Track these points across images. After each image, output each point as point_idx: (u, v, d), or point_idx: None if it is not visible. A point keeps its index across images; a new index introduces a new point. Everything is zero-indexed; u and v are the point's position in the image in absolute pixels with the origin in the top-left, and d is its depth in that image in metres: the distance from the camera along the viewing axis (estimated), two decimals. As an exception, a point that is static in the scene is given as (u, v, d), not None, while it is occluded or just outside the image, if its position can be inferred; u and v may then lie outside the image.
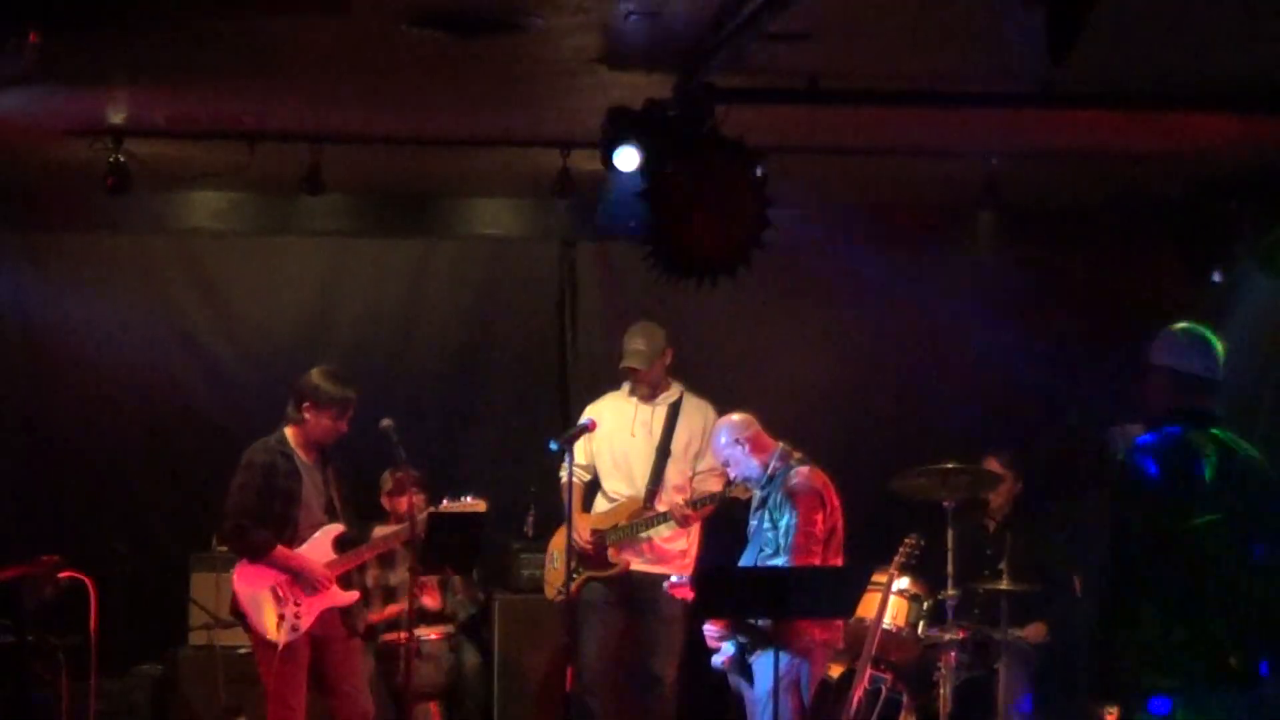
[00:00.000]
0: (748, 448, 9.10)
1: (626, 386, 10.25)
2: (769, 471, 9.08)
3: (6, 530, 10.60)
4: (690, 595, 9.59)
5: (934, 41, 7.18)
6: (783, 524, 8.89)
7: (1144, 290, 11.00)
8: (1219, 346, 6.62)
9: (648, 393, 10.15)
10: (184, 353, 11.50)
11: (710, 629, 9.02)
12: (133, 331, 11.38)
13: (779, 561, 8.83)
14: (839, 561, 8.98)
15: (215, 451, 10.09)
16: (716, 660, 9.15)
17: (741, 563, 9.11)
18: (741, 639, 8.91)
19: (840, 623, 9.01)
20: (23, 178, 10.84)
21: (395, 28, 6.95)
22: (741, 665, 9.00)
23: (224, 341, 11.57)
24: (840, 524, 9.04)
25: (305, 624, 8.97)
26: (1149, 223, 10.29)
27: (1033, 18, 4.66)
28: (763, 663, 8.82)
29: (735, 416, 9.28)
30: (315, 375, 9.18)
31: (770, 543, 8.94)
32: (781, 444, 9.19)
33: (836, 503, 9.04)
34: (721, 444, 9.23)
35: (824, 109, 8.20)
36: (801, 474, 9.02)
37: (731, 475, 9.28)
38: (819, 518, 8.90)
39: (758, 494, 9.15)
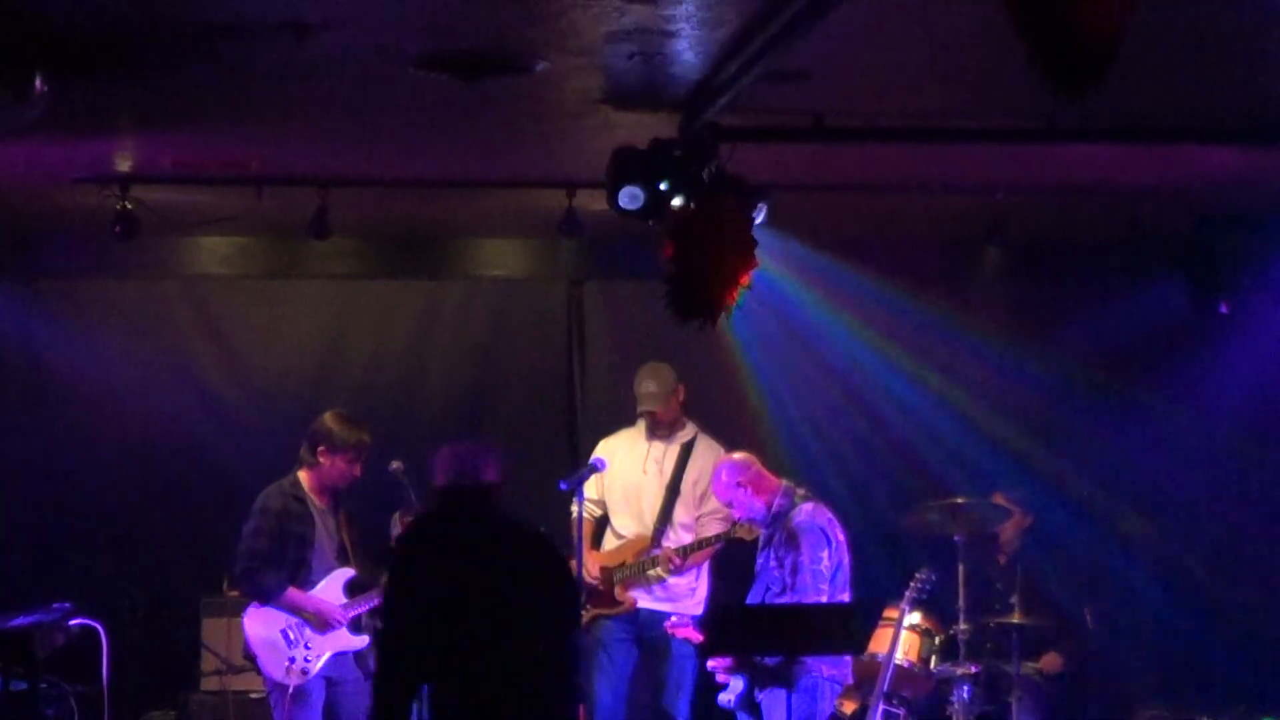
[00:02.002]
0: (749, 489, 9.10)
1: (641, 424, 10.24)
2: (773, 509, 9.09)
3: (18, 578, 10.60)
4: (691, 634, 9.59)
5: (937, 78, 7.20)
6: (788, 561, 8.90)
7: (1151, 323, 11.02)
8: None
9: (666, 433, 10.14)
10: (193, 397, 11.50)
11: (717, 664, 9.02)
12: (142, 377, 11.39)
13: (785, 599, 8.83)
14: (846, 597, 8.99)
15: (226, 495, 10.10)
16: (723, 698, 9.15)
17: (748, 601, 9.12)
18: (748, 675, 8.93)
19: (849, 658, 9.01)
20: (31, 224, 10.89)
21: (401, 71, 6.98)
22: (750, 703, 9.00)
23: (233, 385, 11.58)
24: (847, 559, 9.04)
25: (315, 667, 8.97)
26: (1155, 256, 10.30)
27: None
28: (771, 700, 8.82)
29: (736, 456, 9.27)
30: (330, 419, 9.19)
31: (776, 580, 8.95)
32: (785, 481, 9.19)
33: (842, 538, 9.05)
34: (723, 484, 9.22)
35: (829, 147, 8.22)
36: (805, 510, 9.02)
37: (736, 516, 9.29)
38: (824, 554, 8.92)
39: (763, 532, 9.16)
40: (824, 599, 8.85)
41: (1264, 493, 11.00)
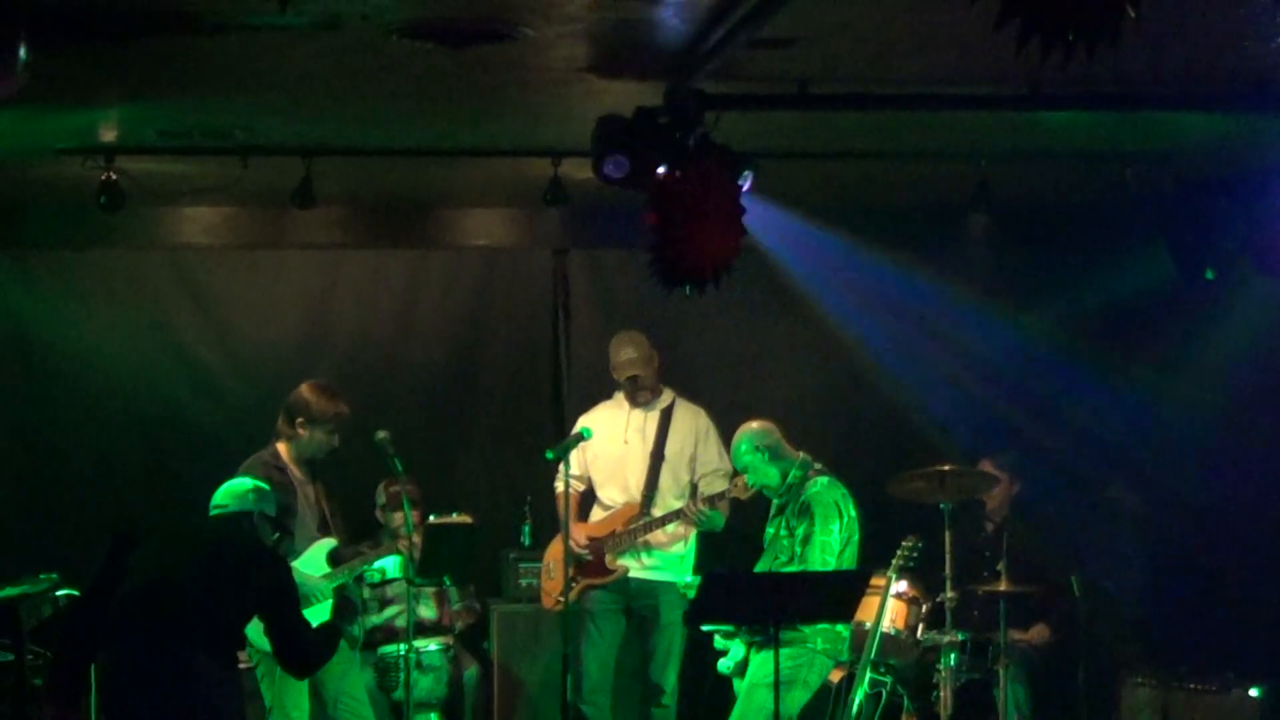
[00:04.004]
0: (767, 456, 9.17)
1: (619, 395, 10.25)
2: (787, 480, 9.15)
3: (4, 549, 10.59)
4: None
5: (922, 44, 7.19)
6: (799, 532, 8.97)
7: (1137, 289, 11.02)
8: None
9: (647, 398, 10.15)
10: (178, 368, 11.47)
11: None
12: (127, 348, 11.37)
13: (793, 570, 8.90)
14: None
15: (211, 466, 10.04)
16: (724, 664, 9.19)
17: (755, 569, 9.18)
18: (748, 640, 8.99)
19: (847, 635, 9.10)
20: (15, 195, 10.85)
21: (385, 39, 6.95)
22: (745, 669, 9.05)
23: (218, 356, 11.55)
24: (857, 534, 9.11)
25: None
26: (1140, 222, 10.28)
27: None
28: (759, 661, 8.87)
29: (755, 425, 9.33)
30: (307, 390, 9.18)
31: (785, 550, 9.02)
32: (802, 453, 9.25)
33: (854, 513, 9.11)
34: (742, 452, 9.27)
35: (814, 114, 8.20)
36: (820, 483, 9.10)
37: (750, 483, 9.33)
38: (835, 528, 8.99)
39: (776, 501, 9.22)
40: (830, 571, 8.94)
41: (1250, 459, 11.00)
